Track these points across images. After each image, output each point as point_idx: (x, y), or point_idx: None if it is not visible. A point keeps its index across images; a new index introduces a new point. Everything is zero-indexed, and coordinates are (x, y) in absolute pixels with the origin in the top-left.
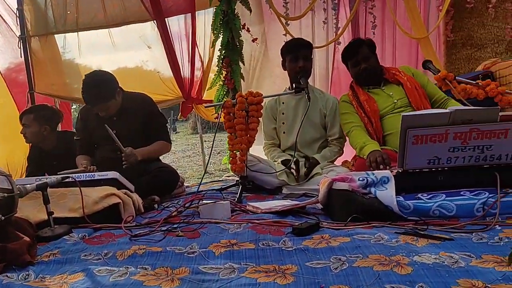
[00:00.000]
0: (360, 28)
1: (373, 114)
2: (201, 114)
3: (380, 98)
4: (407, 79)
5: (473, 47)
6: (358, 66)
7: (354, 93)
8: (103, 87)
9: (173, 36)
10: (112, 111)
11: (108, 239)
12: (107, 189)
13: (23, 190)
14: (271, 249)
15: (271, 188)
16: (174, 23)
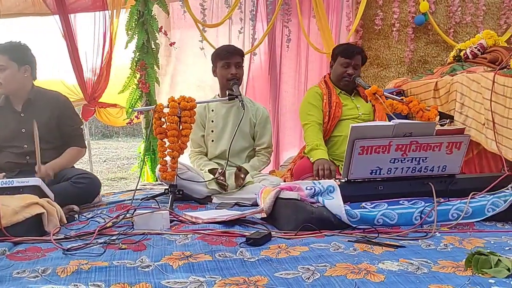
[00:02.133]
0: (277, 41)
1: (333, 118)
2: (103, 119)
3: (347, 104)
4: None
5: (379, 66)
6: (346, 69)
7: (329, 90)
8: (14, 43)
9: (76, 34)
10: (7, 82)
11: (36, 254)
12: (29, 197)
13: None
14: (231, 260)
15: (200, 197)
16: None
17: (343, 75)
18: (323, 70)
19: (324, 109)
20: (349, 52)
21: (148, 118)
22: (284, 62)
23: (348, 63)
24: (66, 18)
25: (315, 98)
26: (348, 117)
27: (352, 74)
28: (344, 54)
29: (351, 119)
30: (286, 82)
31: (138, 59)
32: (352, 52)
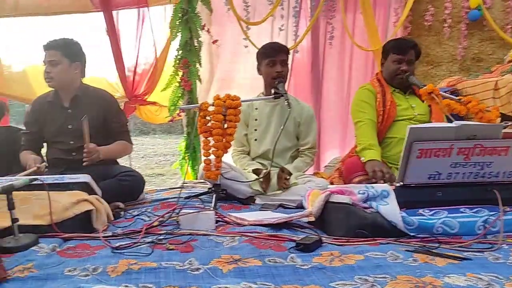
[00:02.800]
0: (320, 38)
1: (388, 118)
2: (142, 116)
3: (402, 104)
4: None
5: (429, 64)
6: (399, 65)
7: (382, 88)
8: (67, 40)
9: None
10: (59, 77)
11: (85, 252)
12: (78, 194)
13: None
14: (282, 266)
15: (243, 197)
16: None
17: (397, 72)
18: (368, 68)
19: (378, 108)
20: (401, 47)
21: (189, 116)
22: (327, 60)
23: (401, 59)
24: (109, 14)
25: (368, 96)
26: (403, 118)
27: (406, 71)
28: (396, 49)
29: (406, 120)
30: (328, 80)
31: (181, 57)
32: (405, 47)
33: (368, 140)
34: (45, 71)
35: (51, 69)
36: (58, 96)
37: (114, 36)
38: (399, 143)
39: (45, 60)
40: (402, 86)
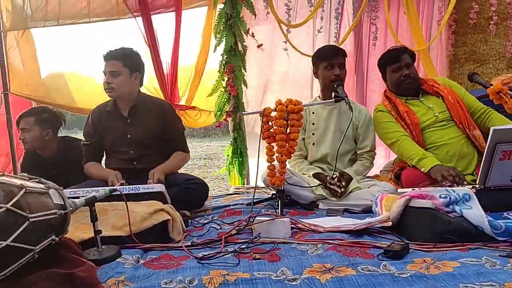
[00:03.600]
0: (363, 39)
1: (414, 127)
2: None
3: (420, 110)
4: (448, 92)
5: (475, 62)
6: (399, 72)
7: (392, 103)
8: (127, 50)
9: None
10: (119, 88)
11: (170, 262)
12: (154, 204)
13: (73, 206)
14: (380, 275)
15: (305, 203)
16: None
17: (400, 79)
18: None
19: (398, 123)
20: (394, 56)
21: (235, 121)
22: (370, 61)
23: (399, 66)
24: (148, 19)
25: (385, 116)
26: (428, 123)
27: (409, 74)
28: (391, 61)
29: (430, 125)
30: (373, 81)
31: (226, 62)
32: (396, 55)
33: (418, 151)
34: (106, 82)
35: (112, 79)
36: (117, 106)
37: (154, 40)
38: (438, 150)
39: (105, 70)
40: (411, 90)
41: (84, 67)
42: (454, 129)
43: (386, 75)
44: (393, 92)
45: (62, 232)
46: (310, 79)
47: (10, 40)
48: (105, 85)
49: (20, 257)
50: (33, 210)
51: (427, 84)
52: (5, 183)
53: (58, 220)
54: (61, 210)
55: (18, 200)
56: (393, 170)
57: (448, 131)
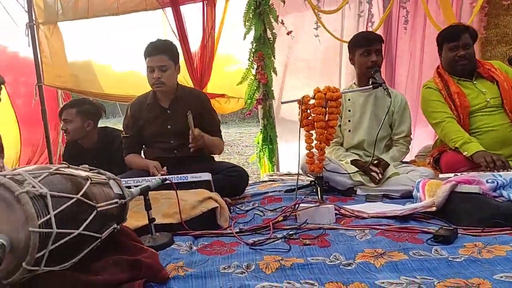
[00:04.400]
0: (393, 22)
1: (463, 110)
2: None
3: (471, 93)
4: (504, 78)
5: (508, 44)
6: (456, 52)
7: (444, 82)
8: (168, 43)
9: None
10: (168, 82)
11: (223, 248)
12: (203, 192)
13: (130, 195)
14: (434, 260)
15: (343, 189)
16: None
17: (456, 59)
18: None
19: (448, 103)
20: (453, 34)
21: (265, 109)
22: (399, 45)
23: (456, 45)
24: (177, 9)
25: (434, 94)
26: (477, 107)
27: (464, 55)
28: (448, 38)
29: (479, 110)
30: (401, 65)
31: (255, 50)
32: (456, 33)
33: (462, 134)
34: (154, 77)
35: (161, 74)
36: (157, 98)
37: (183, 31)
38: (482, 136)
39: (152, 65)
40: (466, 71)
41: (108, 56)
42: (503, 115)
43: (441, 50)
44: (446, 71)
45: (122, 220)
46: (338, 65)
47: (40, 34)
48: (153, 80)
49: (88, 244)
50: (99, 200)
51: (483, 67)
52: (73, 175)
53: (118, 209)
54: (121, 199)
55: (85, 191)
56: (432, 155)
57: (496, 117)
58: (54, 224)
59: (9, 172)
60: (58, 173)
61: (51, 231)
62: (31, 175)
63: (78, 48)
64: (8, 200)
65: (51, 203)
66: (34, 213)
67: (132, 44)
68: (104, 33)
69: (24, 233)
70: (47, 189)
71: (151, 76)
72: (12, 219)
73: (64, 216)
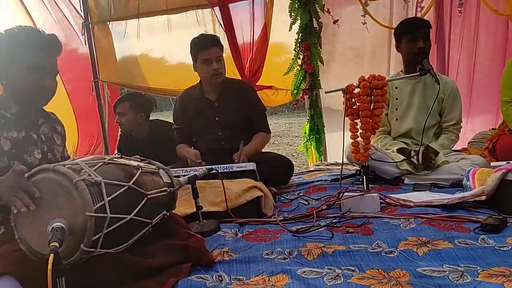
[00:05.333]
0: (445, 6)
1: None
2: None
3: None
4: None
5: None
6: None
7: None
8: (217, 36)
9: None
10: (223, 72)
11: (267, 236)
12: (247, 181)
13: (178, 184)
14: (480, 248)
15: (390, 178)
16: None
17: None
18: (498, 34)
19: None
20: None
21: (312, 99)
22: (453, 30)
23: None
24: (225, 7)
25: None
26: None
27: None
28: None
29: None
30: (455, 49)
31: (301, 40)
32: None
33: None
34: (214, 68)
35: (219, 65)
36: (203, 91)
37: (231, 28)
38: None
39: (208, 57)
40: None
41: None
42: None
43: None
44: None
45: (171, 207)
46: (387, 53)
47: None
48: (212, 71)
49: (140, 229)
50: (149, 188)
51: None
52: (125, 164)
53: (168, 197)
54: (170, 188)
55: (137, 179)
56: (492, 139)
57: None
58: (108, 209)
59: (68, 162)
60: (111, 163)
61: (105, 216)
62: (88, 164)
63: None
64: (67, 188)
65: (105, 190)
66: (90, 199)
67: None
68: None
69: (82, 217)
70: (101, 177)
71: (208, 68)
72: (71, 205)
73: (117, 202)
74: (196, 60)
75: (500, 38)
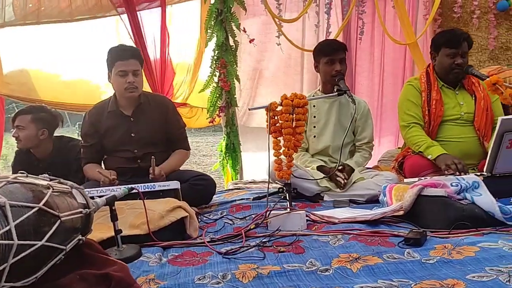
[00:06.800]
0: (351, 33)
1: (435, 118)
2: None
3: (450, 102)
4: (483, 96)
5: None
6: (454, 59)
7: (429, 84)
8: (137, 48)
9: (145, 32)
10: (140, 86)
11: (195, 259)
12: (171, 201)
13: (95, 205)
14: (408, 262)
15: (310, 195)
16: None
17: (452, 66)
18: (400, 60)
19: (423, 108)
20: (454, 40)
21: (228, 116)
22: (358, 54)
23: (455, 52)
24: (134, 15)
25: (414, 95)
26: (450, 118)
27: (462, 64)
28: (449, 43)
29: (452, 120)
30: (361, 74)
31: (217, 57)
32: (458, 39)
33: (426, 138)
34: (128, 81)
35: (135, 79)
36: (118, 105)
37: (140, 37)
38: (448, 145)
39: (125, 69)
40: (456, 81)
41: (51, 64)
42: (471, 129)
43: (437, 53)
44: (435, 73)
45: (86, 231)
46: (300, 73)
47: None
48: (127, 85)
49: (52, 257)
50: (62, 210)
51: (469, 79)
52: (33, 184)
53: (83, 220)
54: (86, 209)
55: (47, 200)
56: (397, 159)
57: (464, 129)
58: (15, 235)
59: None
60: (17, 182)
61: (11, 243)
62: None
63: (22, 54)
64: None
65: (11, 213)
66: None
67: (82, 51)
68: (53, 39)
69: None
70: (5, 198)
71: (123, 80)
72: None
73: (25, 227)
74: (111, 71)
75: (401, 64)
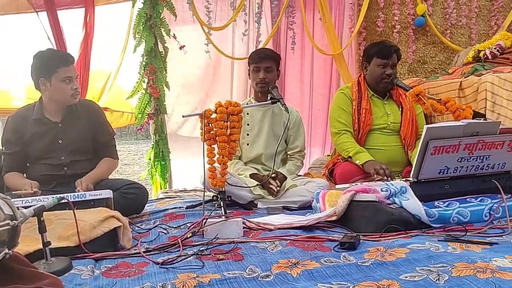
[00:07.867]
0: (281, 43)
1: (364, 127)
2: None
3: (378, 112)
4: (409, 107)
5: None
6: (384, 69)
7: (360, 93)
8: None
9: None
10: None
11: (130, 270)
12: (104, 211)
13: (22, 216)
14: (345, 265)
15: (244, 203)
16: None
17: (382, 76)
18: (327, 71)
19: (353, 116)
20: (385, 51)
21: (157, 124)
22: (288, 64)
23: (386, 63)
24: (54, 14)
25: (345, 103)
26: (377, 127)
27: (391, 75)
28: (381, 54)
29: (379, 129)
30: (290, 83)
31: (146, 63)
32: (388, 51)
33: (355, 145)
34: (75, 88)
35: (76, 84)
36: (44, 111)
37: (60, 39)
38: (375, 153)
39: (68, 75)
40: (385, 90)
41: None
42: (397, 138)
43: (368, 63)
44: (366, 83)
45: (13, 245)
46: (229, 81)
47: None
48: (73, 91)
49: None
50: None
51: (397, 91)
52: None
53: (10, 232)
54: (13, 220)
55: None
56: (327, 166)
57: (390, 138)
58: None
59: None
60: None
61: None
62: None
63: None
64: None
65: None
66: None
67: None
68: None
69: None
70: None
71: (68, 87)
72: None
73: None
74: (49, 77)
75: (329, 73)
